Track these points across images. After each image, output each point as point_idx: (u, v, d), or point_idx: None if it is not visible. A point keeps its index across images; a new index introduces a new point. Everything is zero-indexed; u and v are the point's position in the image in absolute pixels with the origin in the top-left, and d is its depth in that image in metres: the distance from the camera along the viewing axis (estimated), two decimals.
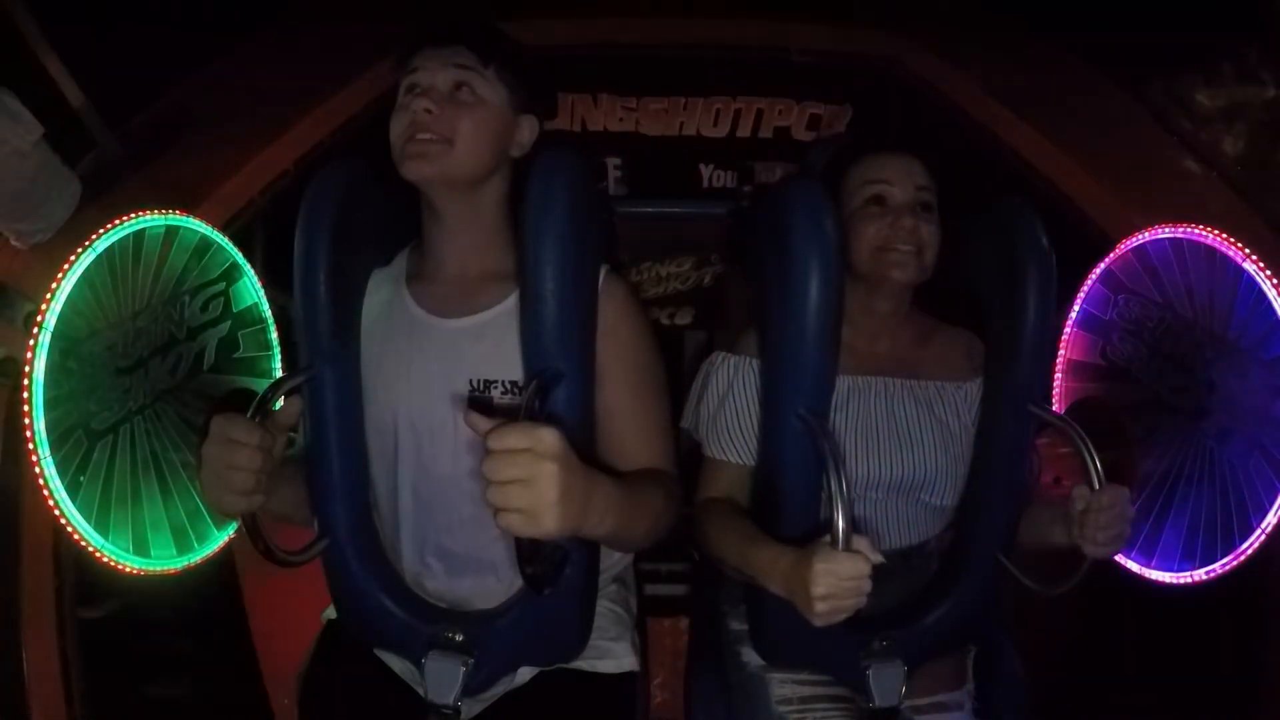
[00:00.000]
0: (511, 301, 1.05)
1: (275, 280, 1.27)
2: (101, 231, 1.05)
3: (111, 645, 1.22)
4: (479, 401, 1.03)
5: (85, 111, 1.20)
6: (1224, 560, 1.14)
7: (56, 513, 1.00)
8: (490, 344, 1.04)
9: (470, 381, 1.04)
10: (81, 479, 1.03)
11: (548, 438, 0.77)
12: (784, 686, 1.17)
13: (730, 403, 1.16)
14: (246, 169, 1.26)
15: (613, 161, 1.79)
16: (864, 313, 1.17)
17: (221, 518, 1.26)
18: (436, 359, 1.05)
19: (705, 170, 1.80)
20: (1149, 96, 1.46)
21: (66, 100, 1.18)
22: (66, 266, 1.00)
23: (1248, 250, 1.10)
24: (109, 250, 1.06)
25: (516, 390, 1.02)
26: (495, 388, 1.03)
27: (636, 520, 0.95)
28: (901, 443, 1.15)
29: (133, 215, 1.09)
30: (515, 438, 0.76)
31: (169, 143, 1.24)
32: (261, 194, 1.27)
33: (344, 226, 1.03)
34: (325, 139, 1.34)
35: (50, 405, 0.98)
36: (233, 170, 1.25)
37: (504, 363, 1.03)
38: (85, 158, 1.22)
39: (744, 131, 1.75)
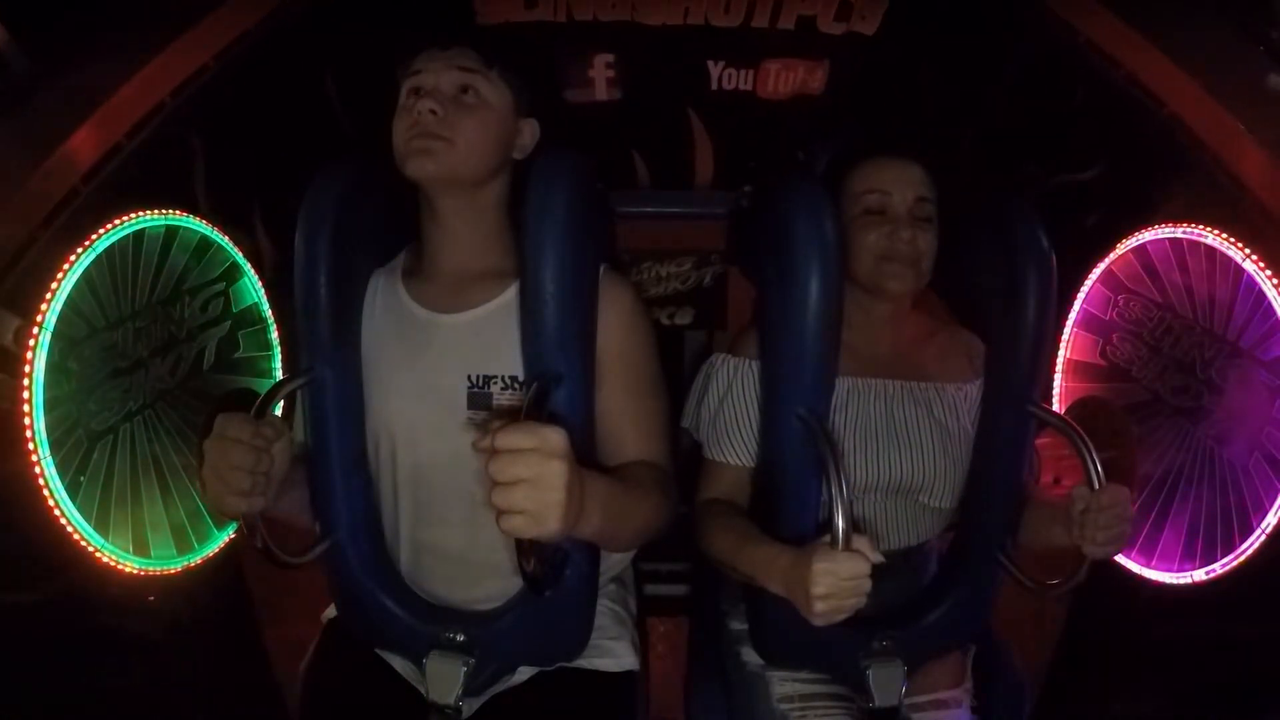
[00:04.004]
0: (510, 295, 1.05)
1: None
2: (101, 231, 1.05)
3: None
4: (478, 398, 1.03)
5: None
6: (1224, 560, 1.14)
7: (57, 513, 1.00)
8: (489, 339, 1.04)
9: (469, 377, 1.04)
10: (81, 479, 1.03)
11: (554, 437, 0.77)
12: (785, 685, 1.17)
13: (730, 404, 1.16)
14: (151, 68, 1.10)
15: (603, 59, 1.53)
16: (863, 317, 1.17)
17: (221, 518, 1.26)
18: (435, 355, 1.05)
19: (714, 69, 1.55)
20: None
21: None
22: (66, 266, 1.00)
23: (1248, 250, 1.10)
24: (109, 250, 1.06)
25: (515, 385, 1.02)
26: (494, 383, 1.03)
27: (626, 520, 0.95)
28: (900, 445, 1.15)
29: (132, 215, 1.10)
30: (522, 437, 0.76)
31: (76, 52, 1.09)
32: (175, 94, 1.13)
33: (344, 227, 1.03)
34: (245, 33, 1.19)
35: (50, 406, 0.98)
36: (138, 71, 1.09)
37: (503, 357, 1.03)
38: None
39: (761, 21, 1.47)
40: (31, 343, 0.96)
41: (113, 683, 1.19)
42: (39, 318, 0.97)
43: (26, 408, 0.96)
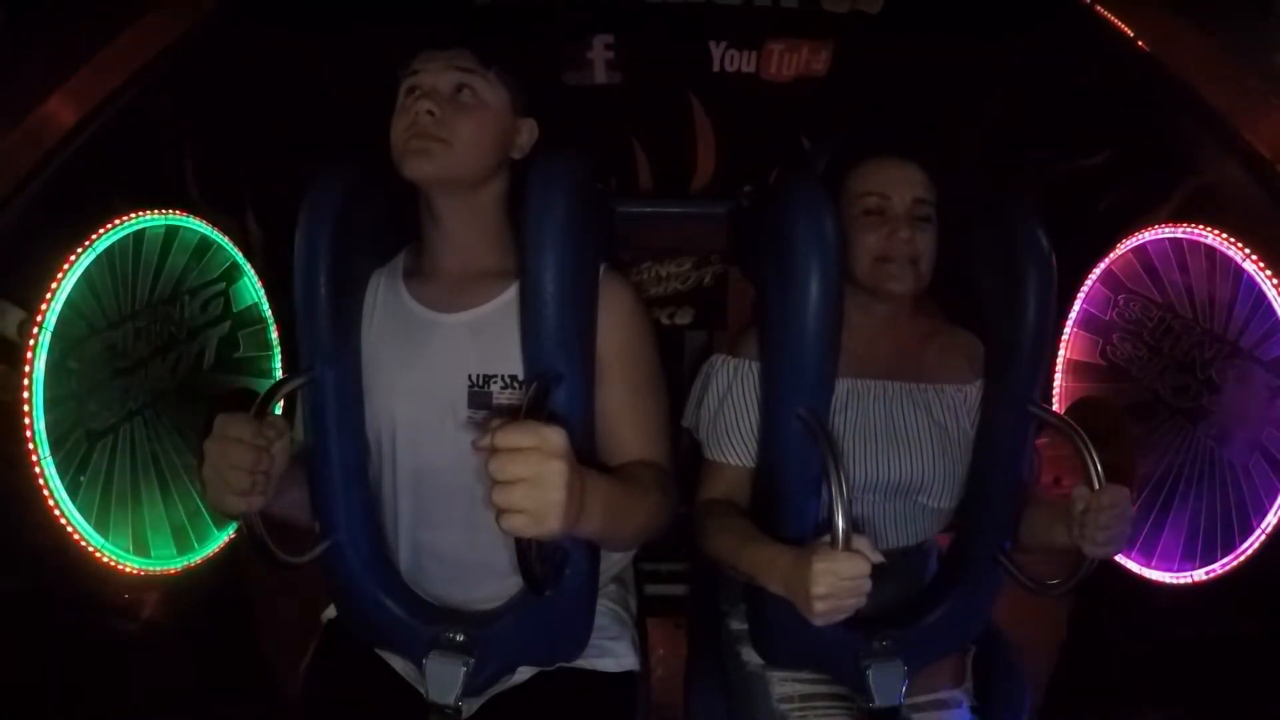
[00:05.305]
0: (510, 294, 1.05)
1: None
2: (101, 231, 1.05)
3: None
4: (478, 397, 1.03)
5: None
6: (1224, 560, 1.15)
7: (57, 513, 1.00)
8: (489, 338, 1.04)
9: (469, 376, 1.04)
10: (81, 479, 1.03)
11: (554, 436, 0.77)
12: (784, 685, 1.17)
13: (730, 405, 1.16)
14: (132, 32, 1.10)
15: (603, 40, 1.48)
16: (863, 317, 1.17)
17: (222, 517, 1.26)
18: (435, 354, 1.05)
19: (716, 50, 1.51)
20: None
21: None
22: (66, 266, 1.00)
23: (1248, 250, 1.11)
24: (109, 250, 1.06)
25: (515, 384, 1.02)
26: (494, 382, 1.03)
27: (627, 519, 0.95)
28: (899, 445, 1.15)
29: (132, 215, 1.10)
30: (522, 436, 0.77)
31: (56, 19, 1.09)
32: (157, 58, 1.12)
33: (344, 227, 1.03)
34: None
35: (50, 405, 0.98)
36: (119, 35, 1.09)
37: (503, 357, 1.03)
38: None
39: None
40: (32, 341, 0.96)
41: (112, 681, 1.20)
42: (39, 317, 0.97)
43: (26, 408, 0.96)
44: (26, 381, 0.96)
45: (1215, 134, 1.15)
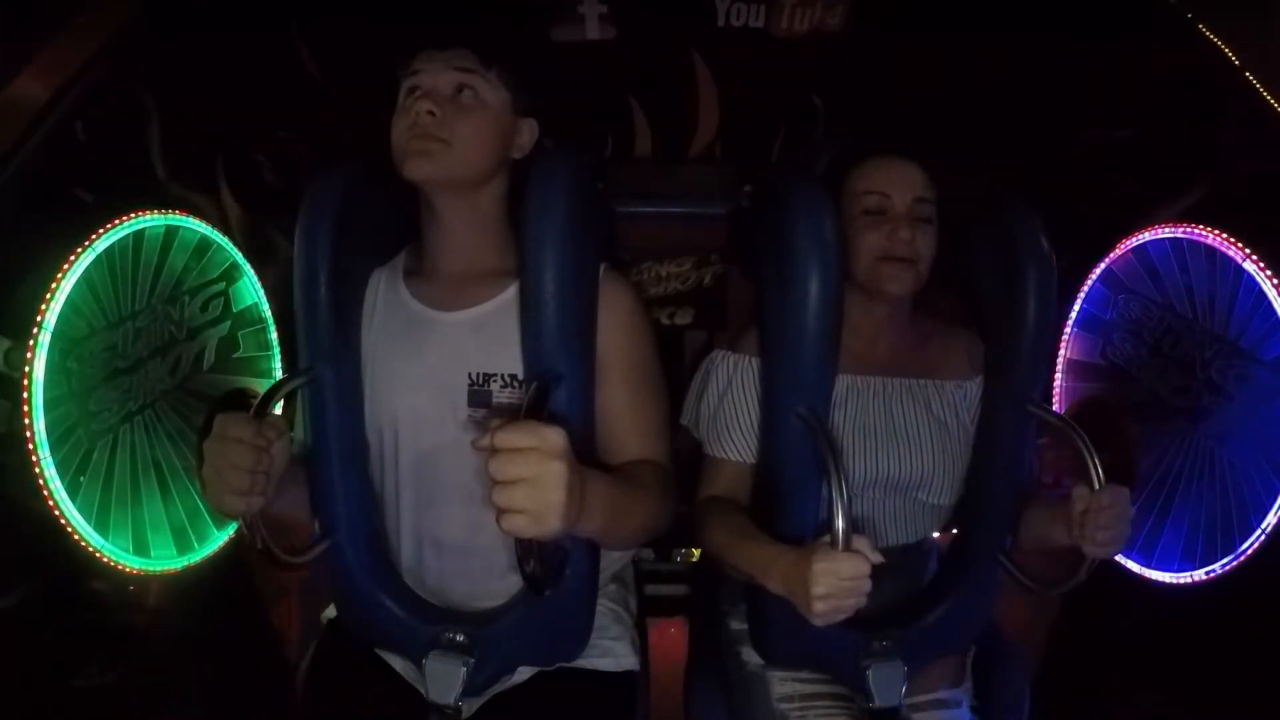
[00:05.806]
0: (510, 294, 1.05)
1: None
2: (101, 231, 1.05)
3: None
4: (478, 396, 1.04)
5: None
6: (1224, 560, 1.14)
7: (57, 513, 1.00)
8: (489, 337, 1.04)
9: (469, 375, 1.04)
10: (81, 479, 1.03)
11: (553, 436, 0.77)
12: (784, 685, 1.17)
13: (730, 401, 1.16)
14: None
15: None
16: (863, 316, 1.17)
17: (222, 518, 1.26)
18: (435, 353, 1.06)
19: (721, 3, 1.40)
20: None
21: None
22: (66, 266, 1.00)
23: (1248, 250, 1.10)
24: (109, 250, 1.06)
25: (515, 383, 1.03)
26: (494, 381, 1.04)
27: (627, 518, 0.95)
28: (899, 442, 1.15)
29: (132, 215, 1.09)
30: (521, 436, 0.77)
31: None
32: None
33: (345, 227, 1.03)
34: None
35: (50, 405, 0.98)
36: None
37: (503, 356, 1.03)
38: None
39: None
40: (29, 354, 0.96)
41: (112, 681, 1.20)
42: (39, 318, 0.97)
43: (26, 408, 0.96)
44: (25, 383, 0.96)
45: (1256, 118, 1.11)
